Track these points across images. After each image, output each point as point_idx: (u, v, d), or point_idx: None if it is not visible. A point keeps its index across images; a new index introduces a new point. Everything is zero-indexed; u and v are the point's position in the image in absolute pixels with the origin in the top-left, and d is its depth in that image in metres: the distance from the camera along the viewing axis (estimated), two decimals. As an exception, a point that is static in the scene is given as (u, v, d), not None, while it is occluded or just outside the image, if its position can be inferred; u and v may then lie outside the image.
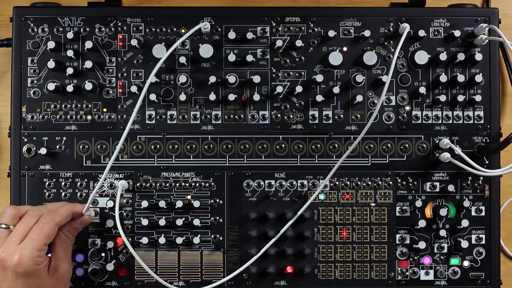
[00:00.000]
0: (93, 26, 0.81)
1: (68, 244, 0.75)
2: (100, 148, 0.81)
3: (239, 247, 0.81)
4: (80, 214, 0.77)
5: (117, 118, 0.81)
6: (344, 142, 0.82)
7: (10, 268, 0.69)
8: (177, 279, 0.81)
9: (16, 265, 0.68)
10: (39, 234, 0.70)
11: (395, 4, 0.85)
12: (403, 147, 0.82)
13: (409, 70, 0.82)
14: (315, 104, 0.82)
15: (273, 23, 0.82)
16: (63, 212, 0.74)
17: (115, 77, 0.81)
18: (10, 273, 0.69)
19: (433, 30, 0.82)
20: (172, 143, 0.81)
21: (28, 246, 0.69)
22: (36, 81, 0.81)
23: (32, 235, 0.70)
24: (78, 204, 0.78)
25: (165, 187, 0.81)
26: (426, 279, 0.82)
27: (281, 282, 0.81)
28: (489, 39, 0.81)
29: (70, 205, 0.76)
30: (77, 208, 0.77)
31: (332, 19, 0.82)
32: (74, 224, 0.76)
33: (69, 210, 0.75)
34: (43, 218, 0.72)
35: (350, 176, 0.82)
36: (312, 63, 0.82)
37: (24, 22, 0.81)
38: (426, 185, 0.82)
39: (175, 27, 0.82)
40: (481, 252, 0.82)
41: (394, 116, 0.82)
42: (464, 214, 0.82)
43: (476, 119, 0.82)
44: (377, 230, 0.82)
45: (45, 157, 0.80)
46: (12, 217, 0.72)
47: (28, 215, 0.72)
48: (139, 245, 0.81)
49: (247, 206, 0.81)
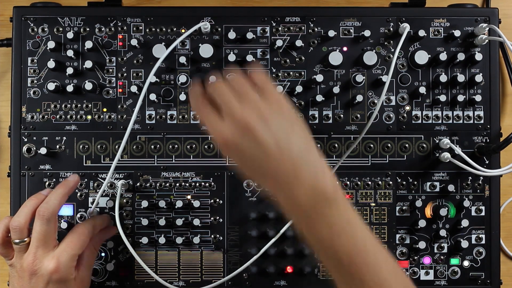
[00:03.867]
0: (93, 26, 0.81)
1: (95, 255, 0.77)
2: (100, 148, 0.81)
3: (239, 247, 0.81)
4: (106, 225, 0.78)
5: (117, 118, 0.81)
6: (344, 142, 0.82)
7: (44, 275, 0.69)
8: (177, 279, 0.81)
9: (52, 272, 0.69)
10: (76, 244, 0.71)
11: (395, 4, 0.85)
12: (403, 147, 0.82)
13: (409, 70, 0.82)
14: (315, 104, 0.82)
15: (273, 23, 0.82)
16: (98, 225, 0.76)
17: (115, 77, 0.81)
18: (42, 281, 0.69)
19: (433, 30, 0.82)
20: (172, 143, 0.81)
21: (65, 254, 0.70)
22: (36, 81, 0.81)
23: (69, 243, 0.71)
24: (106, 215, 0.80)
25: (165, 187, 0.81)
26: (426, 279, 0.82)
27: (281, 282, 0.81)
28: (489, 39, 0.81)
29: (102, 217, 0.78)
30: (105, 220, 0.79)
31: (332, 19, 0.82)
32: (102, 235, 0.78)
33: (102, 224, 0.77)
34: (80, 228, 0.73)
35: (350, 176, 0.82)
36: (312, 63, 0.82)
37: (24, 22, 0.81)
38: (426, 185, 0.82)
39: (175, 27, 0.82)
40: (481, 252, 0.82)
41: (394, 116, 0.82)
42: (464, 214, 0.82)
43: (476, 119, 0.82)
44: (377, 230, 0.82)
45: (45, 157, 0.80)
46: (20, 230, 0.71)
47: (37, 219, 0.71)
48: (139, 245, 0.81)
49: (247, 206, 0.81)
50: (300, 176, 0.59)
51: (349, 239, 0.60)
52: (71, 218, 0.80)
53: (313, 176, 0.59)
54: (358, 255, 0.60)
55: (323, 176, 0.60)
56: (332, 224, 0.59)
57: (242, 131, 0.60)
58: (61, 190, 0.74)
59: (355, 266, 0.60)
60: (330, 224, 0.59)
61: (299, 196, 0.59)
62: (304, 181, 0.59)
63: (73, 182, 0.76)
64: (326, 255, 0.61)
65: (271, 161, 0.60)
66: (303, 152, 0.60)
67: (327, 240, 0.60)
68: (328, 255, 0.61)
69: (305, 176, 0.59)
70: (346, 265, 0.60)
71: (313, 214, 0.59)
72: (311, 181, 0.59)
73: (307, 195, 0.59)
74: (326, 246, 0.60)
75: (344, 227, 0.60)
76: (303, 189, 0.59)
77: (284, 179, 0.60)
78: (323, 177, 0.60)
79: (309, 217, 0.60)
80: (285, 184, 0.60)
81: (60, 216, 0.80)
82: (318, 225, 0.60)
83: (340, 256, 0.60)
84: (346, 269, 0.60)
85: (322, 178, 0.60)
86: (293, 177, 0.59)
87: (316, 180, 0.59)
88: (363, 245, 0.61)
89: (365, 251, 0.61)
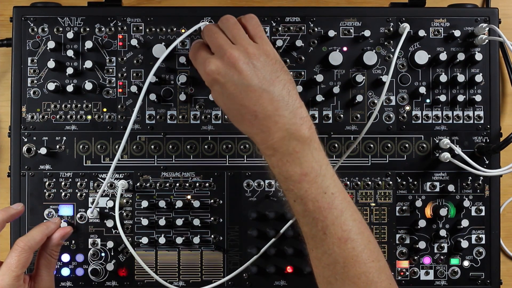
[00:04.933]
0: (93, 26, 0.81)
1: (52, 264, 0.76)
2: (100, 148, 0.81)
3: (239, 247, 0.81)
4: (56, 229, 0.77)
5: (117, 118, 0.81)
6: (344, 142, 0.82)
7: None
8: (177, 279, 0.81)
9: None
10: (15, 263, 0.70)
11: (395, 4, 0.85)
12: (403, 147, 0.82)
13: (409, 70, 0.82)
14: (315, 104, 0.82)
15: (273, 23, 0.82)
16: (37, 235, 0.74)
17: (115, 77, 0.81)
18: None
19: (433, 30, 0.82)
20: (172, 143, 0.81)
21: (6, 278, 0.69)
22: (36, 81, 0.81)
23: (9, 265, 0.70)
24: (50, 221, 0.78)
25: (165, 187, 0.81)
26: (426, 279, 0.82)
27: (281, 282, 0.81)
28: (489, 39, 0.81)
29: (43, 225, 0.76)
30: (50, 225, 0.77)
31: (332, 19, 0.82)
32: (55, 241, 0.76)
33: (42, 232, 0.75)
34: (17, 245, 0.71)
35: (350, 176, 0.82)
36: (312, 63, 0.82)
37: (24, 22, 0.81)
38: (426, 185, 0.82)
39: (175, 27, 0.82)
40: (481, 252, 0.82)
41: (394, 116, 0.82)
42: (464, 214, 0.82)
43: (476, 119, 0.82)
44: (377, 230, 0.82)
45: (45, 157, 0.80)
46: None
47: None
48: (139, 245, 0.81)
49: (247, 206, 0.81)
50: (278, 120, 0.61)
51: (319, 183, 0.62)
52: (71, 218, 0.81)
53: (291, 120, 0.62)
54: (324, 201, 0.62)
55: (301, 122, 0.62)
56: (302, 162, 0.61)
57: (229, 67, 0.63)
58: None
59: (319, 213, 0.61)
60: (301, 162, 0.61)
61: (275, 138, 0.62)
62: (282, 125, 0.61)
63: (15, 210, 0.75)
64: (294, 196, 0.62)
65: (251, 99, 0.62)
66: (284, 96, 0.62)
67: (296, 180, 0.61)
68: (296, 196, 0.62)
69: (283, 120, 0.61)
70: (311, 210, 0.61)
71: (285, 152, 0.61)
72: (288, 125, 0.61)
73: (283, 138, 0.61)
74: (295, 187, 0.62)
75: (315, 169, 0.62)
76: (280, 132, 0.61)
77: (261, 121, 0.62)
78: (300, 123, 0.62)
79: (282, 155, 0.62)
80: (262, 125, 0.62)
81: (60, 216, 0.80)
82: (289, 162, 0.62)
83: (306, 201, 0.61)
84: (311, 215, 0.62)
85: (299, 123, 0.62)
86: (271, 119, 0.61)
87: (293, 124, 0.61)
88: (331, 194, 0.62)
89: (332, 202, 0.62)
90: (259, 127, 0.62)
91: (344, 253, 0.62)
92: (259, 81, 0.62)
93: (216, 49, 0.65)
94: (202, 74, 0.66)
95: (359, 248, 0.62)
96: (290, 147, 0.62)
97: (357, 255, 0.62)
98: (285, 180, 0.62)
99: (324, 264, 0.63)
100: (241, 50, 0.63)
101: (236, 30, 0.66)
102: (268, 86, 0.62)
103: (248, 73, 0.62)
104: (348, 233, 0.62)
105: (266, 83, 0.62)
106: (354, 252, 0.62)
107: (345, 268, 0.62)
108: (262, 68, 0.63)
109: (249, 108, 0.62)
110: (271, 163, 0.63)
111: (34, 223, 0.79)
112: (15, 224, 0.80)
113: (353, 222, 0.63)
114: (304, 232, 0.64)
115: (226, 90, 0.63)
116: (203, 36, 0.68)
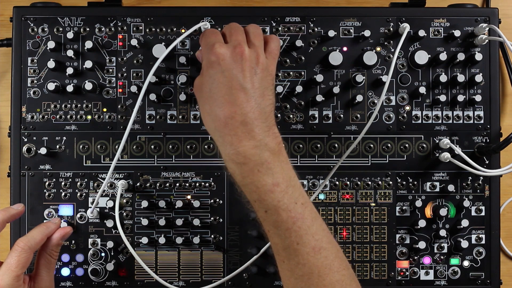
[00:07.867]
0: (93, 26, 0.81)
1: (52, 264, 0.76)
2: (100, 148, 0.81)
3: (239, 247, 0.81)
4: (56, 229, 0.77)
5: (117, 118, 0.81)
6: (344, 142, 0.82)
7: None
8: (177, 279, 0.81)
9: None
10: (15, 264, 0.70)
11: (395, 4, 0.85)
12: (403, 147, 0.82)
13: (409, 70, 0.82)
14: (315, 104, 0.82)
15: (273, 23, 0.82)
16: (37, 235, 0.74)
17: (115, 77, 0.81)
18: None
19: (433, 30, 0.82)
20: (172, 143, 0.81)
21: (6, 277, 0.69)
22: (36, 81, 0.81)
23: (9, 265, 0.70)
24: (50, 221, 0.78)
25: (165, 187, 0.81)
26: (426, 279, 0.82)
27: (281, 282, 0.81)
28: (489, 39, 0.81)
29: (43, 225, 0.76)
30: (50, 225, 0.77)
31: (332, 19, 0.82)
32: (55, 241, 0.76)
33: (42, 232, 0.75)
34: (17, 245, 0.71)
35: (350, 176, 0.82)
36: (312, 63, 0.82)
37: (24, 22, 0.81)
38: (426, 185, 0.82)
39: (175, 27, 0.82)
40: (481, 252, 0.82)
41: (394, 116, 0.82)
42: (464, 214, 0.82)
43: (476, 119, 0.82)
44: (377, 230, 0.82)
45: (45, 157, 0.80)
46: None
47: None
48: (139, 245, 0.81)
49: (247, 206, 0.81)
50: (254, 129, 0.63)
51: (289, 193, 0.63)
52: (71, 218, 0.81)
53: (265, 133, 0.63)
54: (296, 211, 0.62)
55: (273, 137, 0.64)
56: (274, 173, 0.62)
57: (235, 59, 0.64)
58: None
59: (293, 223, 0.62)
60: (273, 173, 0.62)
61: (247, 146, 0.63)
62: (256, 135, 0.63)
63: (15, 210, 0.75)
64: (266, 206, 0.63)
65: (238, 98, 0.63)
66: (266, 112, 0.64)
67: (269, 190, 0.62)
68: (268, 206, 0.63)
69: (259, 131, 0.63)
70: (284, 220, 0.62)
71: (258, 161, 0.62)
72: (261, 136, 0.63)
73: (256, 147, 0.63)
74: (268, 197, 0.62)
75: (285, 179, 0.63)
76: (254, 141, 0.63)
77: (237, 124, 0.63)
78: (273, 137, 0.64)
79: (255, 164, 0.63)
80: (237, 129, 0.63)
81: (60, 216, 0.80)
82: (261, 172, 0.62)
83: (279, 211, 0.62)
84: (284, 225, 0.62)
85: (272, 137, 0.64)
86: (247, 127, 0.63)
87: (266, 136, 0.63)
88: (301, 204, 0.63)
89: (303, 212, 0.63)
90: (233, 129, 0.63)
91: (318, 263, 0.62)
92: (252, 88, 0.64)
93: (233, 41, 0.67)
94: (205, 53, 0.67)
95: (331, 256, 0.63)
96: (263, 157, 0.63)
97: (330, 264, 0.63)
98: (256, 190, 0.63)
99: (297, 275, 0.63)
100: (253, 54, 0.66)
101: (258, 39, 0.68)
102: (257, 96, 0.64)
103: (248, 75, 0.64)
104: (320, 242, 0.63)
105: (258, 93, 0.64)
106: (327, 261, 0.62)
107: (320, 278, 0.62)
108: (261, 79, 0.65)
109: (230, 106, 0.63)
110: (242, 173, 0.64)
111: (34, 223, 0.79)
112: (15, 224, 0.80)
113: (323, 232, 0.64)
114: (275, 244, 0.64)
115: (219, 77, 0.64)
116: (226, 27, 0.70)
